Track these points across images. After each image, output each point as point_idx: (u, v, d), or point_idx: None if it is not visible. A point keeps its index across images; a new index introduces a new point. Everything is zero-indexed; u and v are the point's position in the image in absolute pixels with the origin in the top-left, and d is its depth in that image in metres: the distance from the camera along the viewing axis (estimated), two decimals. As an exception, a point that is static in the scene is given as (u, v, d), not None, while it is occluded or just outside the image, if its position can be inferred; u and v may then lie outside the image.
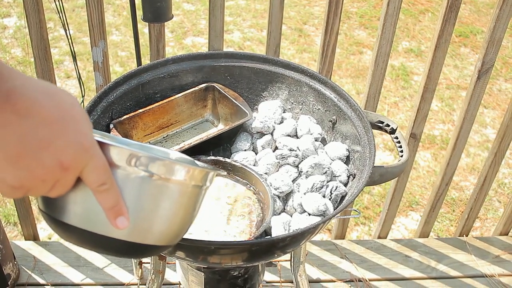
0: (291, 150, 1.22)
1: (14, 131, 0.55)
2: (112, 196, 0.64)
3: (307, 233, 1.01)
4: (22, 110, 0.55)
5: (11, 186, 0.58)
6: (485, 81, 1.73)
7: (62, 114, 0.58)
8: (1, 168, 0.56)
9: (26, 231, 1.97)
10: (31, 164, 0.57)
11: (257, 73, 1.36)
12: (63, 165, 0.58)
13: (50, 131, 0.57)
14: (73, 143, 0.58)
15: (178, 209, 0.71)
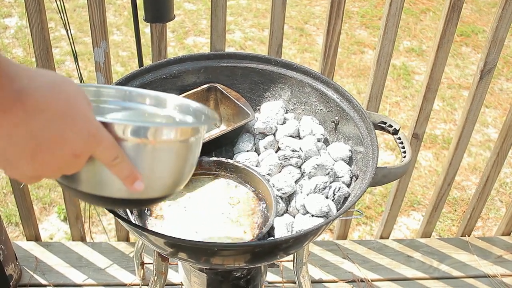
0: (294, 151, 1.21)
1: (26, 129, 0.58)
2: (125, 166, 0.71)
3: (310, 234, 1.01)
4: (33, 108, 0.58)
5: (30, 177, 0.63)
6: (487, 81, 1.72)
7: (68, 106, 0.61)
8: (19, 164, 0.61)
9: (28, 232, 1.97)
10: (46, 158, 0.61)
11: (259, 73, 1.36)
12: (75, 154, 0.63)
13: (60, 125, 0.60)
14: (82, 132, 0.62)
15: (181, 162, 0.80)
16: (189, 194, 1.18)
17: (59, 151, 0.62)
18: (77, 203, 1.93)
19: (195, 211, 1.14)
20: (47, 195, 2.49)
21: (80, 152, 0.64)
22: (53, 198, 2.48)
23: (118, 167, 0.70)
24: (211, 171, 1.23)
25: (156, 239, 0.99)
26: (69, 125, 0.61)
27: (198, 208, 1.15)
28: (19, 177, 0.64)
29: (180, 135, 0.77)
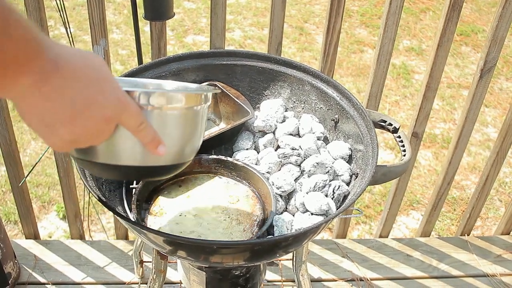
0: (293, 149, 1.21)
1: (66, 94, 0.63)
2: (149, 131, 0.76)
3: (309, 232, 1.01)
4: (68, 75, 0.63)
5: (66, 141, 0.67)
6: (487, 80, 1.72)
7: (97, 74, 0.66)
8: (59, 128, 0.65)
9: (26, 230, 1.97)
10: (83, 121, 0.66)
11: (259, 71, 1.35)
12: (106, 118, 0.68)
13: (92, 91, 0.65)
14: (111, 98, 0.68)
15: (193, 128, 0.88)
16: (188, 193, 1.18)
17: (93, 115, 0.66)
18: (76, 201, 1.93)
19: (194, 209, 1.14)
20: (46, 193, 2.49)
21: (110, 116, 0.68)
22: (52, 196, 2.48)
23: (143, 132, 0.75)
24: (210, 169, 1.23)
25: (155, 237, 0.98)
26: (100, 91, 0.66)
27: (198, 206, 1.15)
28: (57, 143, 0.67)
29: (194, 100, 0.85)
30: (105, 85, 0.67)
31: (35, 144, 2.75)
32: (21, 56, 0.58)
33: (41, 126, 0.65)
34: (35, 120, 0.65)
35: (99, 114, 0.67)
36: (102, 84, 0.67)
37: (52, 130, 0.65)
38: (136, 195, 1.13)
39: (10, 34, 0.56)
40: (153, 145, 0.78)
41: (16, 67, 0.59)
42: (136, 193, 1.13)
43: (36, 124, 0.65)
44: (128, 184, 1.20)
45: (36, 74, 0.60)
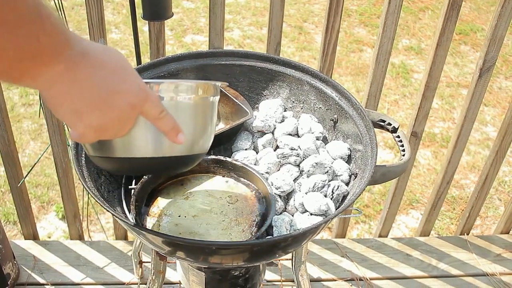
0: (292, 149, 1.21)
1: (93, 81, 0.67)
2: (169, 119, 0.80)
3: (308, 233, 1.01)
4: (94, 64, 0.68)
5: (95, 128, 0.70)
6: (486, 80, 1.72)
7: (119, 65, 0.71)
8: (88, 113, 0.68)
9: (25, 230, 1.96)
10: (110, 106, 0.70)
11: (257, 71, 1.35)
12: (131, 105, 0.72)
13: (117, 79, 0.70)
14: (134, 86, 0.72)
15: (209, 118, 0.93)
16: (187, 193, 1.18)
17: (119, 101, 0.70)
18: (75, 201, 1.92)
19: (193, 210, 1.14)
20: (45, 194, 2.48)
21: (135, 103, 0.72)
22: (51, 196, 2.48)
23: (164, 120, 0.79)
24: (209, 170, 1.23)
25: (154, 238, 0.98)
26: (123, 80, 0.71)
27: (196, 206, 1.14)
28: (85, 130, 0.70)
29: (207, 91, 0.91)
30: (127, 75, 0.72)
31: (34, 144, 2.75)
32: (53, 46, 0.63)
33: (71, 112, 0.68)
34: (65, 107, 0.68)
35: (125, 101, 0.71)
36: (125, 74, 0.71)
37: (80, 116, 0.69)
38: (135, 196, 1.13)
39: (43, 27, 0.60)
40: (173, 133, 0.82)
41: (49, 56, 0.63)
42: (135, 194, 1.13)
43: (65, 110, 0.68)
44: (127, 184, 1.20)
45: (66, 62, 0.64)
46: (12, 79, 0.64)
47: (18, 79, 0.64)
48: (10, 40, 0.58)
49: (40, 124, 2.84)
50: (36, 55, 0.61)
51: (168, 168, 0.95)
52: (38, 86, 0.66)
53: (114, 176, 1.20)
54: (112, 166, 0.90)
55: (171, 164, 0.91)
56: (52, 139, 1.73)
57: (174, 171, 1.01)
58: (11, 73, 0.62)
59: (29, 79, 0.64)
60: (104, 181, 1.16)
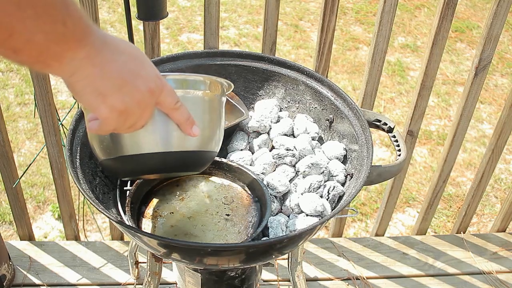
0: (288, 150, 1.21)
1: (115, 65, 0.70)
2: (184, 110, 0.82)
3: (304, 234, 1.00)
4: (116, 50, 0.71)
5: (118, 111, 0.72)
6: (482, 78, 1.71)
7: (136, 53, 0.74)
8: (111, 95, 0.71)
9: (21, 231, 1.95)
10: (131, 89, 0.72)
11: (253, 71, 1.35)
12: (150, 90, 0.74)
13: (136, 65, 0.73)
14: (152, 73, 0.75)
15: (219, 115, 0.95)
16: (182, 194, 1.17)
17: (139, 84, 0.73)
18: (71, 202, 1.92)
19: (189, 211, 1.13)
20: (41, 194, 2.47)
21: (154, 88, 0.74)
22: (47, 196, 2.47)
23: (179, 110, 0.81)
24: (204, 171, 1.22)
25: (149, 240, 0.98)
26: (142, 67, 0.74)
27: (192, 208, 1.14)
28: (108, 113, 0.72)
29: (219, 89, 0.93)
30: (145, 62, 0.75)
31: (30, 144, 2.74)
32: (78, 31, 0.65)
33: (94, 95, 0.70)
34: (88, 90, 0.70)
35: (144, 86, 0.73)
36: (143, 61, 0.74)
37: (104, 98, 0.70)
38: (130, 197, 1.12)
39: (69, 12, 0.63)
40: (188, 124, 0.84)
41: (75, 41, 0.66)
42: (130, 195, 1.12)
43: (89, 94, 0.70)
44: (122, 186, 1.19)
45: (89, 47, 0.67)
46: (40, 65, 0.66)
47: (47, 65, 0.66)
48: (39, 25, 0.61)
49: (35, 123, 2.83)
50: (63, 40, 0.64)
51: (180, 167, 0.94)
52: (64, 71, 0.68)
53: (109, 178, 1.19)
54: (124, 168, 0.90)
55: (183, 162, 0.91)
56: (47, 140, 1.72)
57: (185, 171, 1.00)
58: (41, 59, 0.65)
59: (56, 64, 0.66)
60: (99, 182, 1.15)
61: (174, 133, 0.85)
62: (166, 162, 0.89)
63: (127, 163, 0.88)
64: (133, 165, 0.88)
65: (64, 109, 2.93)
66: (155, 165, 0.89)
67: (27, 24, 0.60)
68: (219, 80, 0.95)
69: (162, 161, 0.88)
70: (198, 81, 0.89)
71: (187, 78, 0.88)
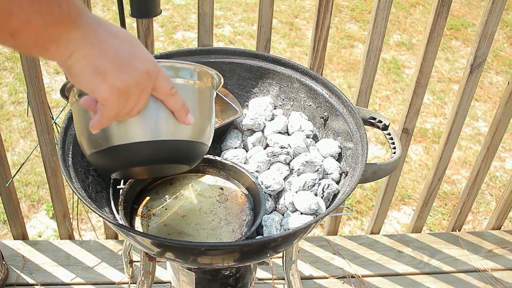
0: (282, 148, 1.20)
1: (111, 45, 0.71)
2: (179, 97, 0.82)
3: (299, 233, 1.00)
4: (110, 31, 0.72)
5: (118, 90, 0.72)
6: (477, 76, 1.71)
7: (130, 37, 0.75)
8: (110, 74, 0.71)
9: (14, 231, 1.94)
10: (130, 69, 0.72)
11: (247, 69, 1.34)
12: (148, 71, 0.74)
13: (131, 46, 0.73)
14: (147, 56, 0.75)
15: (211, 107, 0.93)
16: (176, 193, 1.17)
17: (137, 64, 0.73)
18: (65, 201, 1.91)
19: (183, 210, 1.12)
20: (35, 193, 2.46)
21: (151, 70, 0.74)
22: (42, 195, 2.46)
23: (174, 97, 0.81)
24: (198, 169, 1.21)
25: (143, 239, 0.97)
26: (137, 49, 0.74)
27: (186, 206, 1.13)
28: (108, 94, 0.71)
29: (209, 81, 0.92)
30: (139, 46, 0.75)
31: (24, 142, 2.73)
32: (73, 13, 0.66)
33: (94, 74, 0.70)
34: (87, 70, 0.70)
35: (142, 66, 0.73)
36: (137, 44, 0.75)
37: (103, 77, 0.70)
38: (123, 196, 1.11)
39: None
40: (183, 111, 0.83)
41: (70, 22, 0.67)
42: (123, 194, 1.12)
43: (89, 74, 0.70)
44: (115, 185, 1.18)
45: (85, 27, 0.68)
46: (38, 48, 0.67)
47: (44, 48, 0.67)
48: (35, 7, 0.62)
49: (29, 122, 2.82)
50: (59, 21, 0.65)
51: (171, 159, 0.91)
52: (62, 54, 0.68)
53: (102, 176, 1.18)
54: (114, 161, 0.88)
55: (175, 153, 0.89)
56: (40, 138, 1.71)
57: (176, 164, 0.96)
58: (38, 42, 0.66)
59: (53, 47, 0.67)
60: (92, 181, 1.14)
61: (167, 121, 0.83)
62: (158, 152, 0.86)
63: (117, 155, 0.85)
64: (123, 157, 0.86)
65: (58, 108, 2.92)
66: (146, 155, 0.87)
67: (23, 6, 0.61)
68: (210, 72, 0.94)
69: (154, 151, 0.85)
70: (189, 70, 0.88)
71: (178, 65, 0.86)
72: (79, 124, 0.91)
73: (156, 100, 0.81)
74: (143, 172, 1.01)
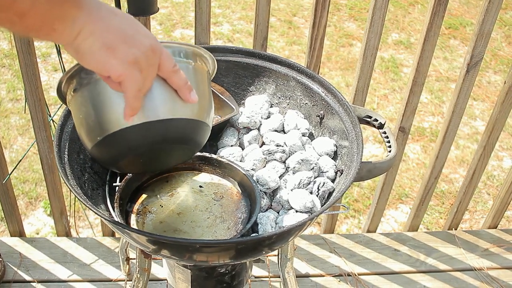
0: (278, 146, 1.20)
1: (114, 22, 0.73)
2: (182, 74, 0.83)
3: (293, 230, 1.00)
4: (111, 10, 0.74)
5: (128, 62, 0.74)
6: (474, 74, 1.71)
7: (130, 16, 0.77)
8: (119, 46, 0.73)
9: (11, 228, 1.94)
10: (136, 42, 0.74)
11: (243, 67, 1.34)
12: (153, 46, 0.76)
13: (134, 24, 0.76)
14: (150, 33, 0.77)
15: (209, 89, 0.94)
16: (172, 190, 1.17)
17: (142, 38, 0.75)
18: (62, 198, 1.91)
19: (178, 207, 1.13)
20: (33, 190, 2.46)
21: (155, 46, 0.76)
22: (39, 192, 2.46)
23: (177, 74, 0.82)
24: (194, 167, 1.22)
25: (138, 236, 0.97)
26: (139, 26, 0.77)
27: (181, 204, 1.14)
28: (122, 68, 0.74)
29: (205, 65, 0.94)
30: (140, 24, 0.77)
31: (22, 140, 2.73)
32: None
33: (103, 49, 0.72)
34: (96, 46, 0.72)
35: (147, 41, 0.75)
36: (138, 23, 0.77)
37: (113, 51, 0.73)
38: (119, 193, 1.11)
39: None
40: (187, 89, 0.84)
41: (72, 1, 0.69)
42: (119, 191, 1.12)
43: (98, 50, 0.72)
44: (111, 182, 1.19)
45: (88, 6, 0.71)
46: (46, 29, 0.69)
47: (52, 29, 0.69)
48: None
49: (27, 119, 2.82)
50: (60, 3, 0.68)
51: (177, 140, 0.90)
52: (69, 34, 0.70)
53: (99, 174, 1.18)
54: (118, 147, 0.88)
55: (180, 133, 0.89)
56: (37, 135, 1.71)
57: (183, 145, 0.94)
58: (45, 22, 0.68)
59: (60, 27, 0.69)
60: (88, 178, 1.14)
61: (173, 99, 0.84)
62: (166, 132, 0.86)
63: (122, 139, 0.85)
64: (128, 141, 0.86)
65: (56, 105, 2.92)
66: (154, 136, 0.86)
67: None
68: (205, 55, 0.95)
69: (161, 131, 0.86)
70: (188, 50, 0.89)
71: (175, 46, 0.88)
72: (80, 115, 0.90)
73: (158, 79, 0.82)
74: (148, 162, 0.98)
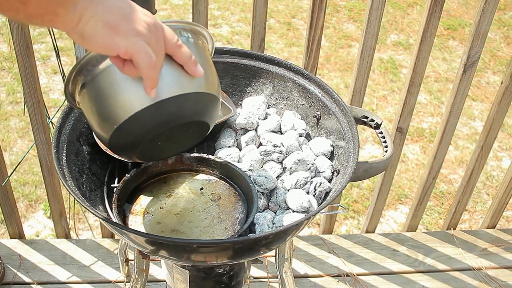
0: (275, 146, 1.21)
1: (113, 2, 0.75)
2: (186, 48, 0.84)
3: (290, 230, 1.01)
4: None
5: (133, 35, 0.76)
6: (471, 75, 1.72)
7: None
8: (122, 24, 0.75)
9: (11, 230, 1.95)
10: (137, 19, 0.76)
11: (241, 68, 1.35)
12: (154, 22, 0.78)
13: (131, 5, 0.77)
14: (148, 12, 0.79)
15: (212, 64, 0.94)
16: (170, 191, 1.18)
17: (142, 16, 0.77)
18: (61, 200, 1.91)
19: (176, 208, 1.13)
20: (33, 192, 2.47)
21: (157, 24, 0.79)
22: (39, 195, 2.46)
23: (182, 48, 0.83)
24: (192, 167, 1.22)
25: (136, 237, 0.98)
26: (137, 6, 0.78)
27: (179, 204, 1.14)
28: (128, 43, 0.75)
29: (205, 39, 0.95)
30: (137, 5, 0.78)
31: (22, 142, 2.74)
32: None
33: (106, 29, 0.74)
34: (99, 26, 0.74)
35: (147, 19, 0.77)
36: (135, 5, 0.78)
37: (116, 30, 0.75)
38: (117, 194, 1.12)
39: None
40: (192, 63, 0.85)
41: None
42: (117, 192, 1.13)
43: (101, 29, 0.74)
44: (109, 183, 1.19)
45: None
46: (49, 15, 0.71)
47: (54, 14, 0.71)
48: None
49: (27, 122, 2.82)
50: None
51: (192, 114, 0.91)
52: (71, 18, 0.72)
53: (97, 175, 1.19)
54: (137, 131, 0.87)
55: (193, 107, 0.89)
56: (36, 138, 1.72)
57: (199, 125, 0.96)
58: (48, 7, 0.70)
59: (63, 11, 0.71)
60: (86, 179, 1.15)
61: (181, 75, 0.84)
62: (181, 107, 0.87)
63: (142, 121, 0.85)
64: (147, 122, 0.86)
65: (55, 108, 2.93)
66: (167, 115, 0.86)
67: None
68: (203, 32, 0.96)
69: (176, 107, 0.86)
70: (185, 28, 0.91)
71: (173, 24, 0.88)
72: (93, 108, 0.90)
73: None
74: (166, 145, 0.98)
